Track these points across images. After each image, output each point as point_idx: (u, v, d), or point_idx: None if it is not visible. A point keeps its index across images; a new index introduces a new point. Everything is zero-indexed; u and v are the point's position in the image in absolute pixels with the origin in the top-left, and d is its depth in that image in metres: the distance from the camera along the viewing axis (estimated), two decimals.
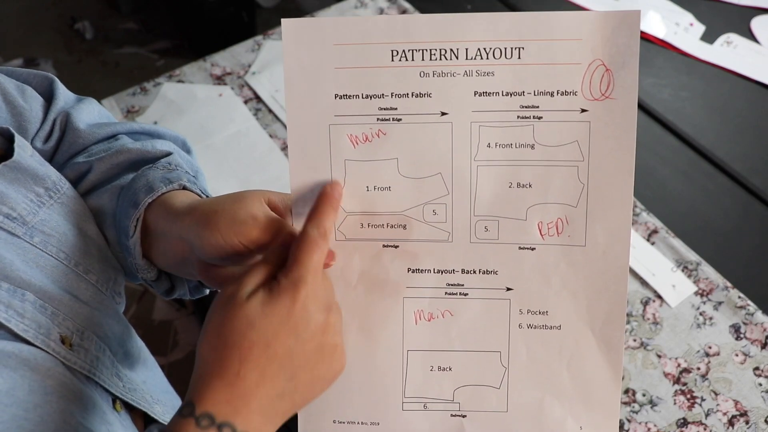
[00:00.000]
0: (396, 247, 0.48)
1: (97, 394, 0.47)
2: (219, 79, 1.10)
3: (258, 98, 1.08)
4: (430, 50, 0.45)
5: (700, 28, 1.25)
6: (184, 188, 0.52)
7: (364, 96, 0.46)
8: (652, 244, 0.92)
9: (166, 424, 0.49)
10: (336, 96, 0.46)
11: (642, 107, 1.10)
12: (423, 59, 0.45)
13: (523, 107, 0.46)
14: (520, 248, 0.48)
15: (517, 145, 0.47)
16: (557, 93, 0.46)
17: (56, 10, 2.38)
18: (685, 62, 1.19)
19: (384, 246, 0.48)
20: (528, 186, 0.47)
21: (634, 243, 0.91)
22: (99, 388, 0.48)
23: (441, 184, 0.47)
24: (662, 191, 0.99)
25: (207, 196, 0.53)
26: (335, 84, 0.46)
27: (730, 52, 1.21)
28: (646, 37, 1.23)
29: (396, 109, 0.46)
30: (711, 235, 0.94)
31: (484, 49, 0.45)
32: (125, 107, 1.05)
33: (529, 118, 0.46)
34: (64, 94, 0.58)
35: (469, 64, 0.45)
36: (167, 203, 0.50)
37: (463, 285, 0.49)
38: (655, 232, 0.93)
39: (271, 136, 1.01)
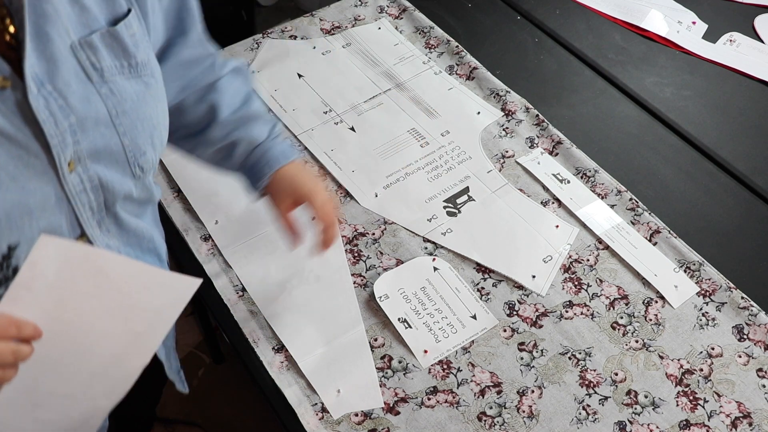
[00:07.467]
0: None
1: (66, 220, 0.55)
2: None
3: None
4: None
5: (702, 27, 1.24)
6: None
7: None
8: (654, 244, 0.91)
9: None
10: None
11: (644, 106, 1.10)
12: None
13: None
14: None
15: None
16: None
17: None
18: (687, 61, 1.18)
19: None
20: None
21: (636, 243, 0.91)
22: (72, 216, 0.55)
23: None
24: (664, 191, 0.98)
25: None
26: None
27: (732, 51, 1.20)
28: (648, 36, 1.22)
29: None
30: (713, 236, 0.93)
31: None
32: None
33: None
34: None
35: None
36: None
37: None
38: (657, 232, 0.92)
39: None
